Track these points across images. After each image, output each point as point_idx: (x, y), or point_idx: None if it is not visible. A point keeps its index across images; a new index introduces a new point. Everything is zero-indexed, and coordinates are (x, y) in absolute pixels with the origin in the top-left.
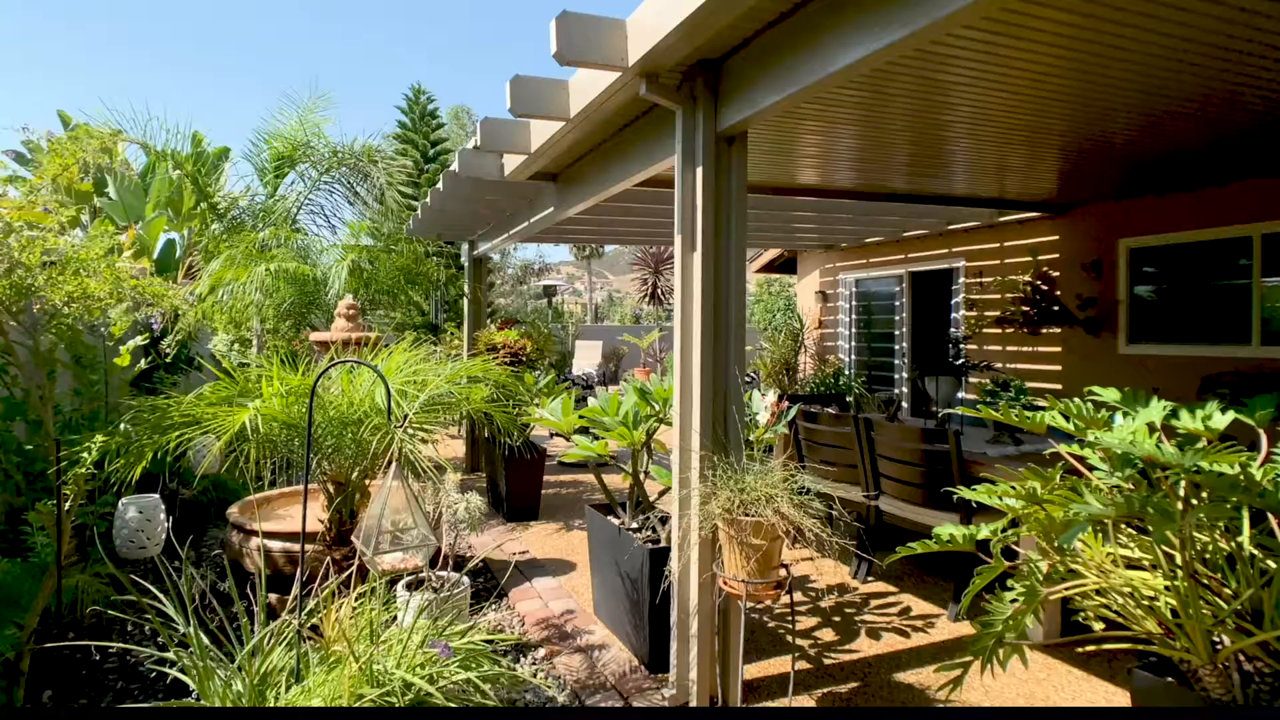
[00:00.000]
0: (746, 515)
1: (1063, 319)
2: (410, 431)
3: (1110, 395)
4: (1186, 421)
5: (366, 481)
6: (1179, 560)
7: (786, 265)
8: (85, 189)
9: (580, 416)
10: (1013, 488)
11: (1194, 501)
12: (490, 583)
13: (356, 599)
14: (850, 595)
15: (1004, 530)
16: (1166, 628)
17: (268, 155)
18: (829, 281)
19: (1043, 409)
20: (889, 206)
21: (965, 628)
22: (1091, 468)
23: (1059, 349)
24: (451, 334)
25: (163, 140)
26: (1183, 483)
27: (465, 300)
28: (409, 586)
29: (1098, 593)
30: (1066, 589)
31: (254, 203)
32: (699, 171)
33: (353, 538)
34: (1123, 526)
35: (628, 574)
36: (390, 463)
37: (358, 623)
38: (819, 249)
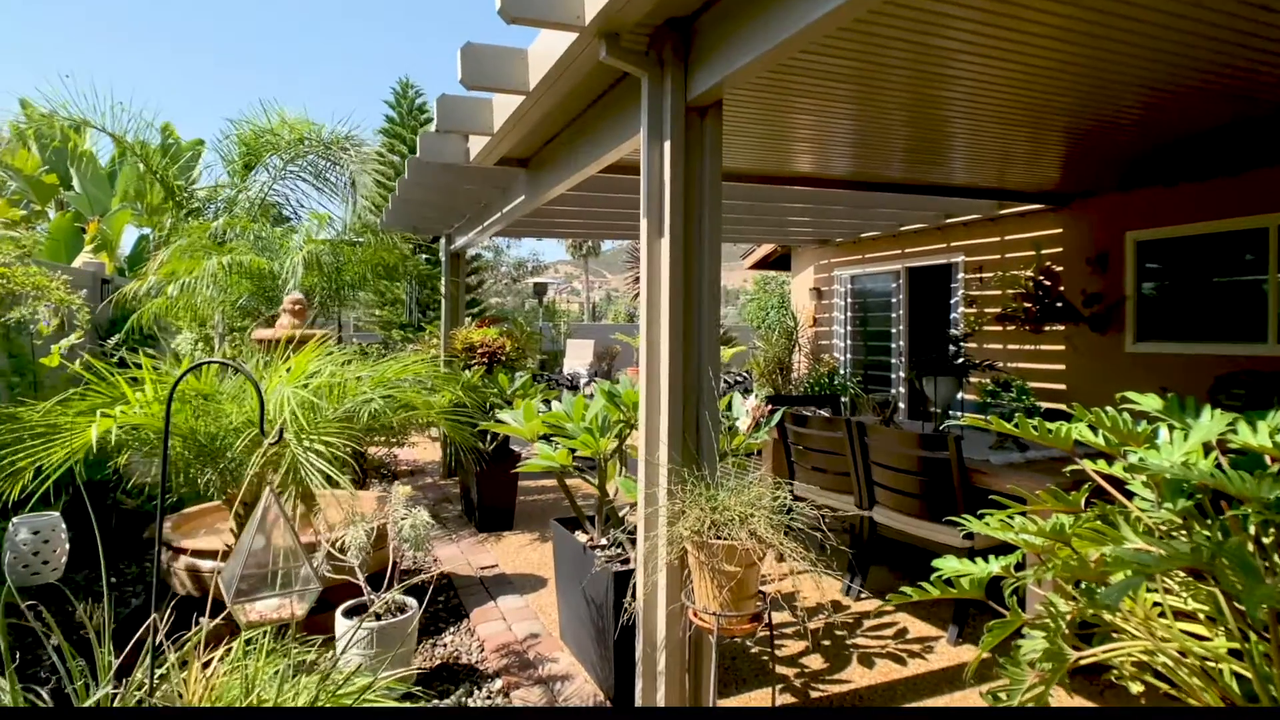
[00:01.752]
0: (718, 538)
1: (1067, 316)
2: (310, 446)
3: (1150, 403)
4: (1247, 436)
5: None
6: (1258, 619)
7: (780, 261)
8: (50, 181)
9: (544, 423)
10: (1033, 520)
11: (1265, 541)
12: (453, 601)
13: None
14: (841, 615)
15: (1019, 566)
16: (1231, 701)
17: (236, 148)
18: (824, 278)
19: (1059, 415)
20: (886, 198)
21: (966, 652)
22: (1129, 492)
23: (1063, 347)
24: (430, 333)
25: (131, 130)
26: (1253, 522)
27: (443, 297)
28: (348, 613)
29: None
30: (1104, 654)
31: (217, 194)
32: (667, 146)
33: (218, 577)
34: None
35: (592, 598)
36: (314, 485)
37: (231, 681)
38: (813, 244)
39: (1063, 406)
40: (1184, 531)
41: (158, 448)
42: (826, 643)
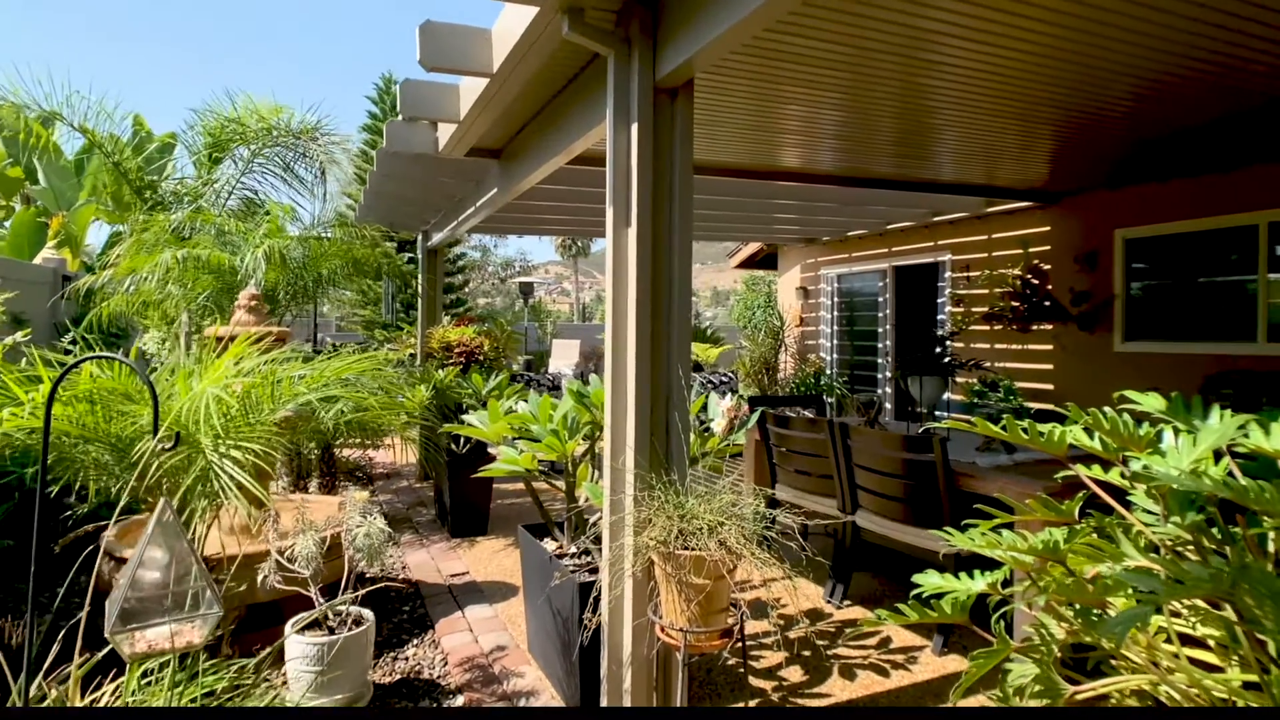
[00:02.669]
0: (686, 548)
1: (1055, 315)
2: (226, 452)
3: (1151, 403)
4: (1259, 439)
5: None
6: (1275, 649)
7: (767, 261)
8: (14, 175)
9: (511, 426)
10: (1022, 536)
11: None
12: (418, 611)
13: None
14: (822, 623)
15: (1006, 583)
16: None
17: (202, 139)
18: (810, 277)
19: (1048, 416)
20: (874, 194)
21: (952, 663)
22: (1128, 501)
23: (1050, 347)
24: (409, 332)
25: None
26: (1273, 541)
27: (419, 295)
28: (300, 627)
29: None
30: (1103, 688)
31: (182, 187)
32: (634, 129)
33: (108, 603)
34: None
35: (558, 609)
36: (226, 493)
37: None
38: (800, 243)
39: (1051, 407)
40: (1192, 548)
41: (69, 451)
42: (806, 653)
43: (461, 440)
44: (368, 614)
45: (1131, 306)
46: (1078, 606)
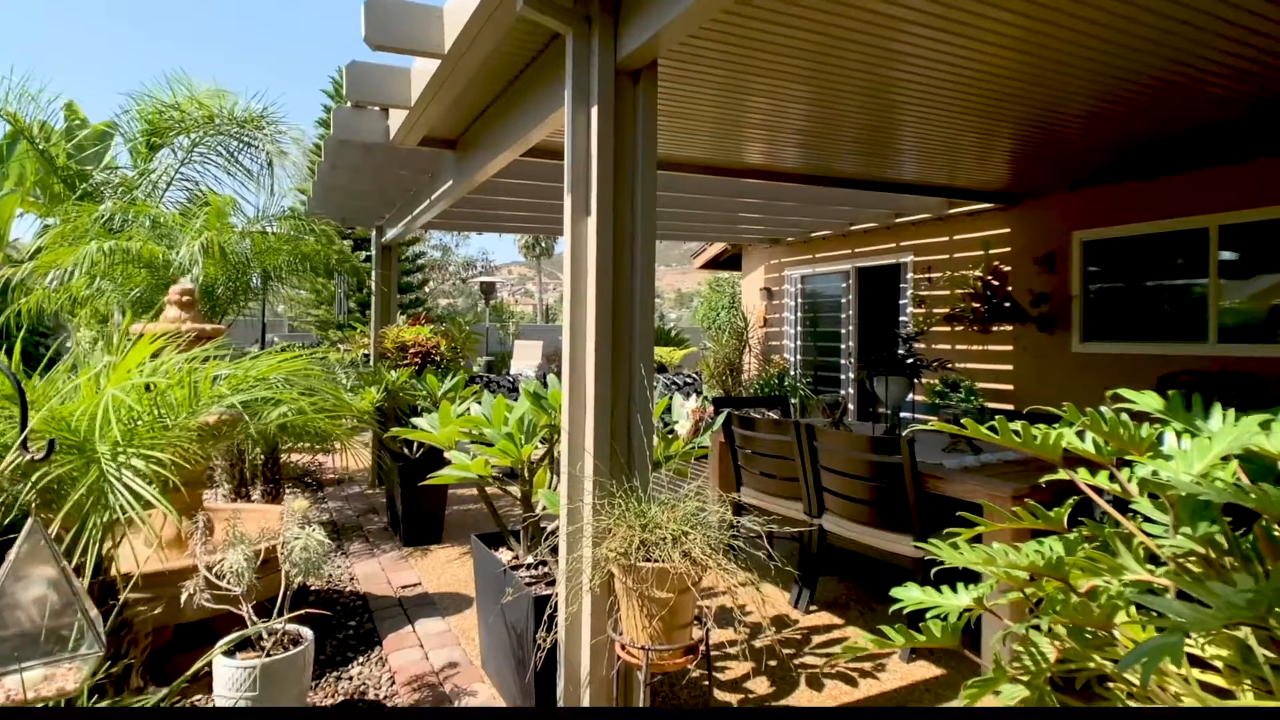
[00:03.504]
0: (649, 560)
1: (1014, 316)
2: (125, 461)
3: (1149, 402)
4: (1262, 441)
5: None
6: None
7: (731, 261)
8: None
9: (464, 430)
10: (1017, 548)
11: None
12: (366, 626)
13: None
14: (789, 630)
15: (991, 595)
16: None
17: (138, 125)
18: (774, 278)
19: (1009, 416)
20: (838, 194)
21: (920, 670)
22: (1126, 508)
23: (1010, 347)
24: (362, 331)
25: (28, 109)
26: None
27: (373, 294)
28: (229, 649)
29: None
30: None
31: (115, 177)
32: (594, 112)
33: None
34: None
35: (513, 625)
36: (121, 507)
37: None
38: (764, 243)
39: (1011, 407)
40: (1194, 561)
41: None
42: (772, 663)
43: (415, 445)
44: (306, 632)
45: (1089, 307)
46: (1087, 632)
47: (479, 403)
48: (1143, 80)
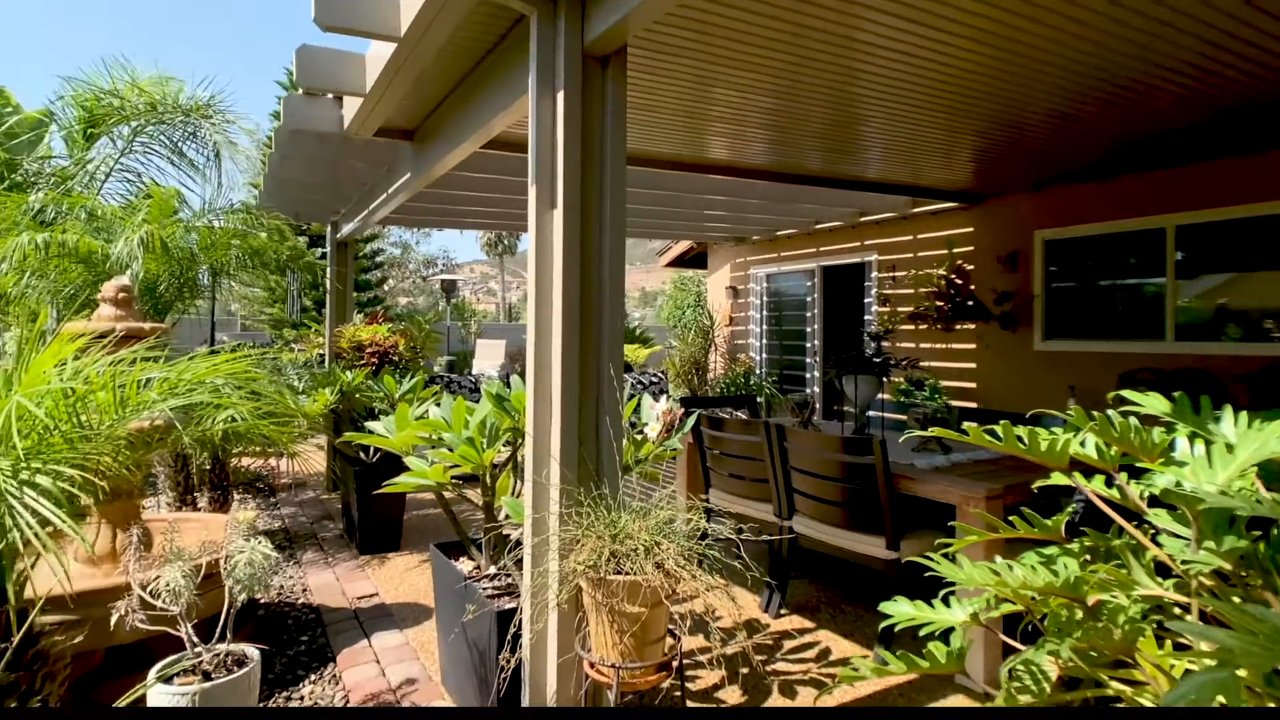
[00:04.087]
0: (620, 572)
1: (978, 314)
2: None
3: (1155, 404)
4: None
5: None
6: None
7: (697, 260)
8: None
9: (421, 434)
10: (1027, 565)
11: None
12: (319, 641)
13: None
14: (760, 635)
15: (989, 610)
16: None
17: (74, 111)
18: (740, 276)
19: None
20: (803, 192)
21: (895, 674)
22: (1129, 515)
23: (973, 346)
24: (317, 330)
25: None
26: None
27: (328, 291)
28: (166, 674)
29: None
30: None
31: (45, 168)
32: (560, 98)
33: None
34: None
35: (474, 641)
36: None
37: None
38: (730, 241)
39: (975, 405)
40: (1215, 578)
41: None
42: (744, 670)
43: (372, 448)
44: (252, 652)
45: (1051, 306)
46: (1092, 651)
47: (438, 404)
48: (1109, 85)
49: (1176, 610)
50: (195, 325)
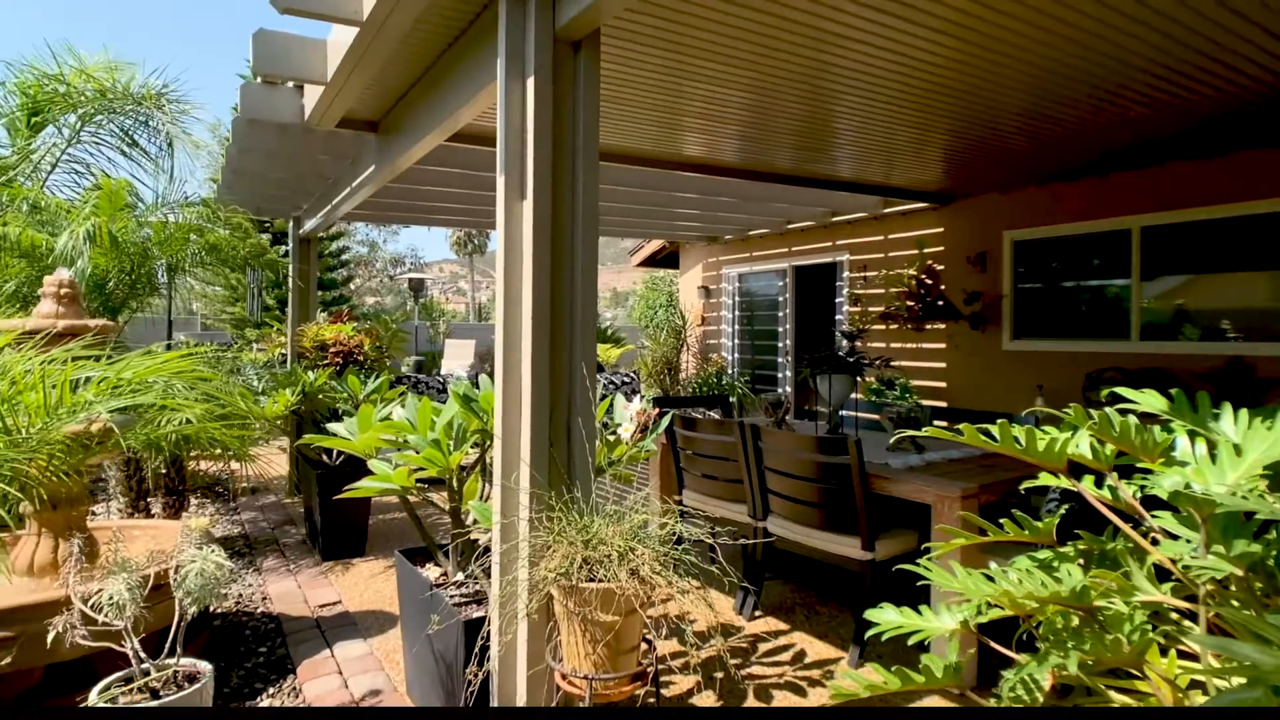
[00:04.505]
0: (593, 579)
1: (947, 314)
2: None
3: (1151, 402)
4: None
5: None
6: None
7: (669, 259)
8: None
9: (385, 437)
10: (1029, 574)
11: None
12: (278, 652)
13: None
14: (735, 638)
15: (980, 615)
16: None
17: (17, 99)
18: (712, 276)
19: (947, 414)
20: (775, 191)
21: (870, 674)
22: (1120, 513)
23: (943, 345)
24: (279, 330)
25: None
26: None
27: (290, 290)
28: (110, 693)
29: None
30: None
31: None
32: (530, 84)
33: None
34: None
35: (441, 652)
36: None
37: None
38: (702, 241)
39: (945, 404)
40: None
41: None
42: (719, 675)
43: (335, 451)
44: (204, 667)
45: (1019, 306)
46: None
47: (404, 405)
48: (1083, 87)
49: (1174, 616)
50: (151, 325)
